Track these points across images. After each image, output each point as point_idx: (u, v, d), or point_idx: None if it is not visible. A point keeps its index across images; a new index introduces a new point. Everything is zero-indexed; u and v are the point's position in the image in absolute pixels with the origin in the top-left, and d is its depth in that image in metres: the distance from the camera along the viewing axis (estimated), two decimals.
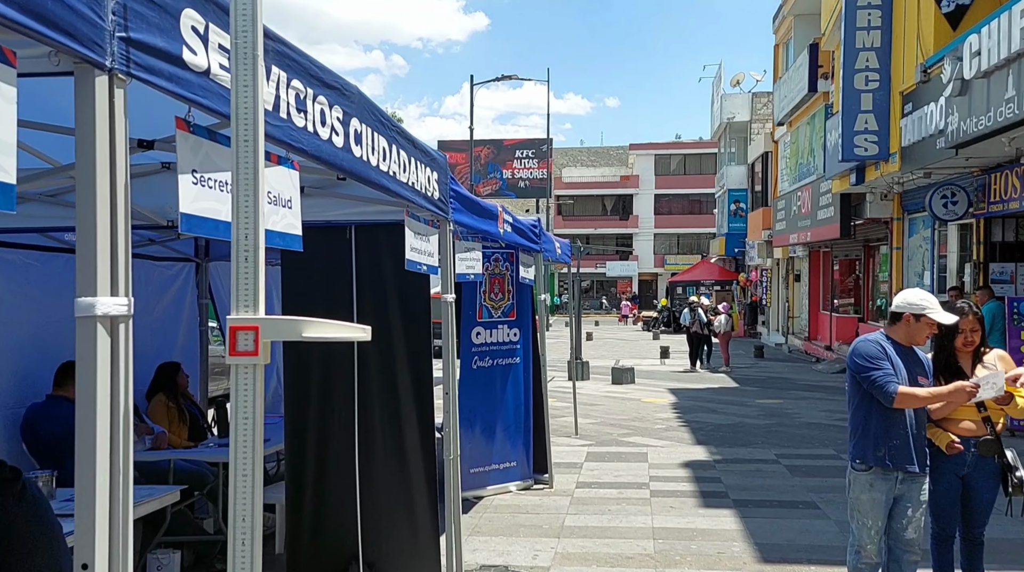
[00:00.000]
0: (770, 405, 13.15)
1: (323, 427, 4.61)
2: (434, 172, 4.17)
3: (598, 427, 11.12)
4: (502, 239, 6.05)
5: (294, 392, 4.63)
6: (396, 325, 4.65)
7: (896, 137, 12.45)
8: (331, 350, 4.61)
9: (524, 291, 7.56)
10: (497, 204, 5.97)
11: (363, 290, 4.64)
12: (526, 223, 7.02)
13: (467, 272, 5.16)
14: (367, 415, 4.61)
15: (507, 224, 6.15)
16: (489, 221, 5.54)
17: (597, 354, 24.49)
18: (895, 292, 16.65)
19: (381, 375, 4.62)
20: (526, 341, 7.54)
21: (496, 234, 5.78)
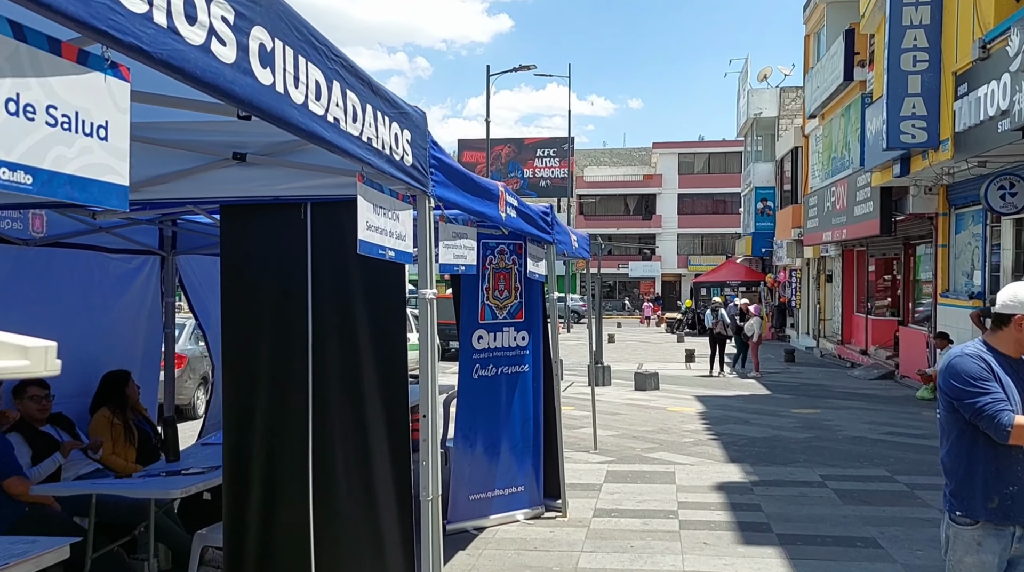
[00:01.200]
0: (807, 416, 12.07)
1: (271, 453, 3.66)
2: (405, 130, 3.21)
3: (619, 440, 10.11)
4: (504, 225, 5.08)
5: (235, 412, 3.68)
6: (363, 327, 3.70)
7: (948, 122, 11.33)
8: (281, 360, 3.66)
9: (534, 289, 6.58)
10: (499, 184, 5.00)
11: (321, 283, 3.69)
12: (536, 209, 6.05)
13: (455, 262, 4.20)
14: (325, 438, 3.66)
15: (511, 208, 5.17)
16: (486, 202, 4.57)
17: (619, 357, 23.47)
18: (940, 293, 15.51)
19: (343, 389, 3.67)
20: (536, 346, 6.56)
21: (496, 218, 4.81)
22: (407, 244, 3.31)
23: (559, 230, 6.81)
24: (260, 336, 3.64)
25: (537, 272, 6.17)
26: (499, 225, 5.05)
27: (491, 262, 6.23)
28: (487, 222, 5.07)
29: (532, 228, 5.79)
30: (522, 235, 5.85)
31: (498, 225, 5.12)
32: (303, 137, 2.38)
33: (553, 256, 6.59)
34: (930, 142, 11.77)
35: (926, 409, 12.74)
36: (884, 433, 10.48)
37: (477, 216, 4.54)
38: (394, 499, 3.69)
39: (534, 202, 7.85)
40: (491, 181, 4.85)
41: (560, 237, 6.89)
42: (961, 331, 13.86)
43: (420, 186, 3.41)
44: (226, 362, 3.68)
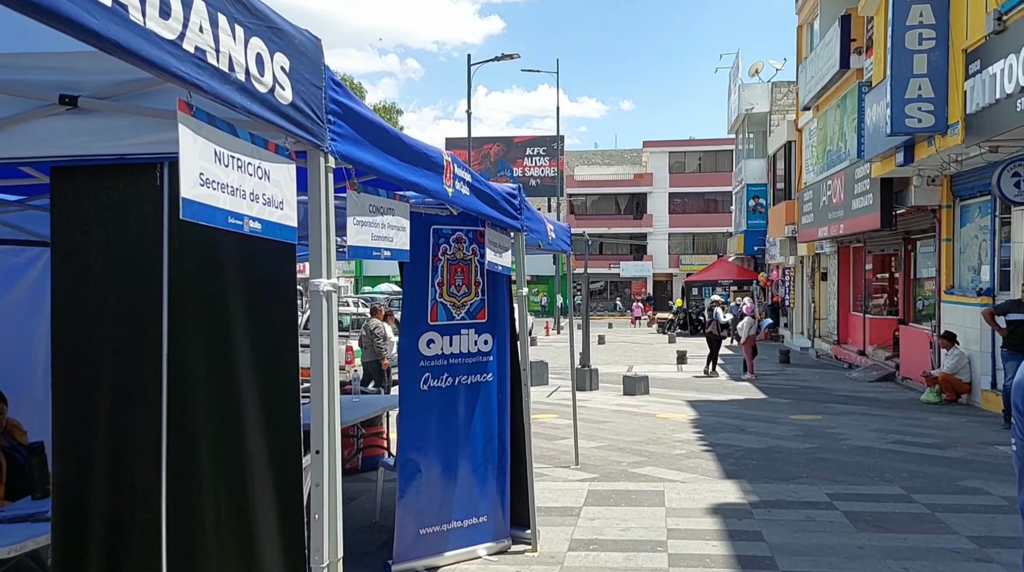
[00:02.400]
0: (807, 423, 11.18)
1: (115, 507, 2.73)
2: (280, 54, 2.30)
3: (604, 453, 9.20)
4: (451, 203, 4.16)
5: (66, 457, 2.73)
6: (240, 327, 2.77)
7: (957, 104, 10.47)
8: (127, 379, 2.73)
9: (500, 285, 5.66)
10: (448, 152, 4.09)
11: (182, 271, 2.75)
12: (500, 189, 5.13)
13: (375, 246, 3.27)
14: (188, 487, 2.73)
15: (461, 183, 4.25)
16: (424, 171, 3.66)
17: (609, 359, 22.58)
18: (944, 290, 14.66)
19: (213, 424, 2.74)
20: (501, 351, 5.64)
21: (439, 193, 3.90)
22: (284, 214, 2.39)
23: (530, 216, 5.90)
24: (97, 346, 2.71)
25: (499, 264, 5.25)
26: (445, 203, 4.13)
27: (445, 252, 5.30)
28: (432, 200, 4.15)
29: (492, 210, 4.87)
30: (478, 217, 4.92)
31: (445, 203, 4.21)
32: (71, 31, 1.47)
33: (522, 246, 5.66)
34: (937, 126, 10.90)
35: (933, 414, 11.87)
36: (892, 442, 9.59)
37: (410, 188, 3.62)
38: (280, 559, 2.76)
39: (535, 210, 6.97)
40: (434, 147, 3.93)
41: (531, 224, 5.97)
42: (968, 330, 13.01)
43: (309, 137, 2.49)
44: (54, 391, 2.73)
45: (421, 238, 5.19)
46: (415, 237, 5.21)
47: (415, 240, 5.22)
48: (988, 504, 6.72)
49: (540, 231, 6.45)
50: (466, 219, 5.35)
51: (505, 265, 5.36)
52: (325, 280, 2.62)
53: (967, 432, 10.25)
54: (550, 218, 7.41)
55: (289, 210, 2.42)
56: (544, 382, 16.38)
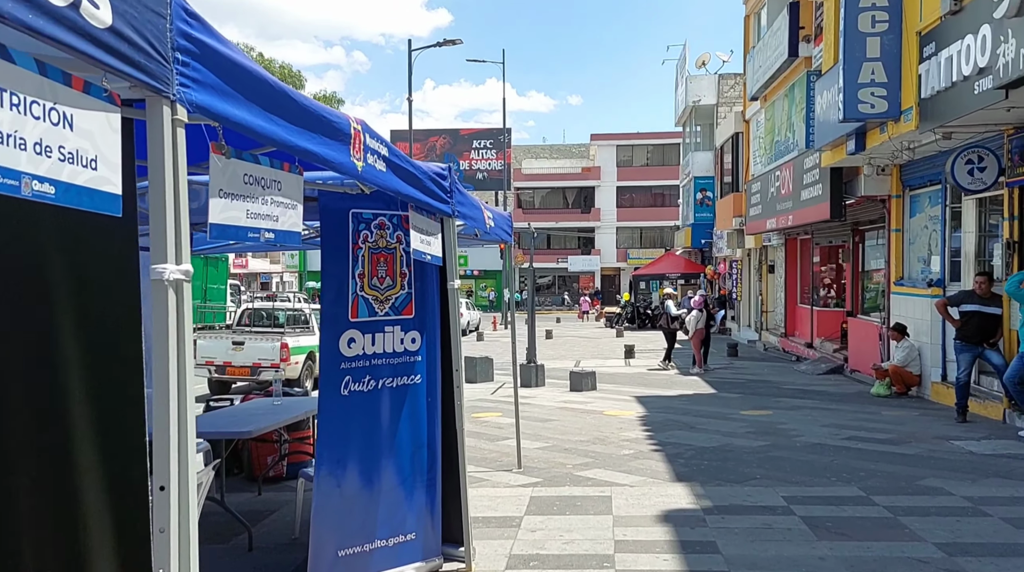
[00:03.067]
0: (758, 418, 10.83)
1: None
2: None
3: (549, 454, 8.69)
4: (360, 178, 3.58)
5: None
6: (66, 339, 2.16)
7: (911, 89, 10.18)
8: None
9: (429, 277, 5.08)
10: (357, 119, 3.50)
11: None
12: (426, 168, 4.55)
13: (250, 226, 2.67)
14: None
15: (375, 157, 3.67)
16: (325, 140, 3.08)
17: (556, 354, 22.16)
18: (893, 281, 14.49)
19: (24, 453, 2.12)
20: (431, 350, 5.07)
21: (346, 167, 3.31)
22: (102, 178, 1.79)
23: (463, 201, 5.32)
24: None
25: (427, 252, 4.66)
26: (356, 180, 3.55)
27: (366, 239, 4.71)
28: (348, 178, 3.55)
29: (416, 191, 4.29)
30: (397, 197, 4.34)
31: (354, 177, 3.62)
32: None
33: (453, 233, 5.09)
34: (891, 112, 10.61)
35: (884, 407, 11.63)
36: (845, 438, 9.26)
37: (307, 159, 3.03)
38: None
39: (471, 195, 6.44)
40: (341, 113, 3.34)
41: (465, 210, 5.40)
42: (917, 322, 12.83)
43: (144, 77, 1.89)
44: None
45: (339, 224, 4.60)
46: (333, 223, 4.62)
47: (333, 226, 4.62)
48: (952, 506, 6.36)
49: (476, 218, 5.88)
50: (390, 202, 4.76)
51: (434, 254, 4.77)
52: (172, 266, 2.03)
53: (920, 426, 9.99)
54: (489, 206, 6.85)
55: (109, 171, 1.81)
56: (489, 378, 15.85)
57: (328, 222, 4.55)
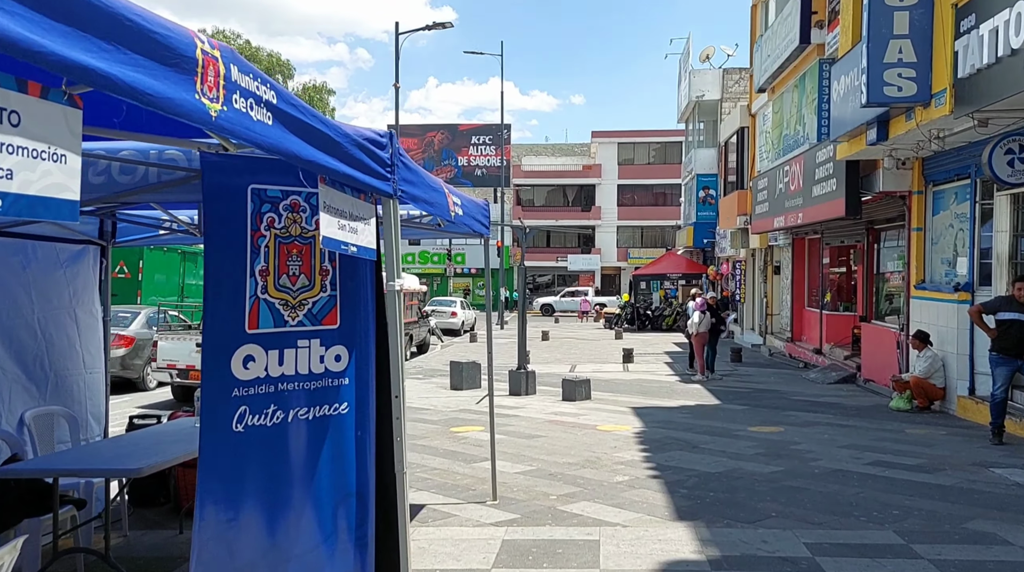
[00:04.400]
0: (768, 437, 9.70)
1: None
2: None
3: (531, 481, 7.56)
4: (221, 132, 2.44)
5: None
6: None
7: (944, 68, 9.04)
8: None
9: (361, 275, 3.95)
10: (220, 43, 2.37)
11: None
12: (349, 129, 3.42)
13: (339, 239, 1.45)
14: None
15: (249, 101, 2.54)
16: (143, 62, 1.95)
17: (551, 357, 21.07)
18: (913, 284, 13.35)
19: None
20: (363, 370, 3.93)
21: (188, 110, 2.19)
22: None
23: (413, 179, 4.18)
24: None
25: (349, 242, 3.51)
26: (206, 129, 2.41)
27: (272, 225, 3.58)
28: (178, 116, 2.41)
29: (328, 158, 3.15)
30: (296, 162, 3.19)
31: (211, 132, 2.49)
32: None
33: (395, 219, 3.94)
34: (920, 96, 9.47)
35: (907, 424, 10.50)
36: (869, 463, 8.13)
37: (103, 86, 1.90)
38: None
39: (469, 192, 5.30)
40: (183, 28, 2.21)
41: (416, 191, 4.26)
42: (942, 329, 11.70)
43: None
44: None
45: (232, 202, 3.47)
46: (222, 201, 3.48)
47: (223, 206, 3.48)
48: (1014, 560, 5.23)
49: (435, 203, 4.74)
50: (310, 177, 3.63)
51: (361, 245, 3.63)
52: None
53: (952, 449, 8.85)
54: (458, 192, 5.73)
55: None
56: (476, 385, 14.73)
57: (215, 199, 3.41)
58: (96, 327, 6.79)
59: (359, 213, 3.65)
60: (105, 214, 6.23)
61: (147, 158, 3.97)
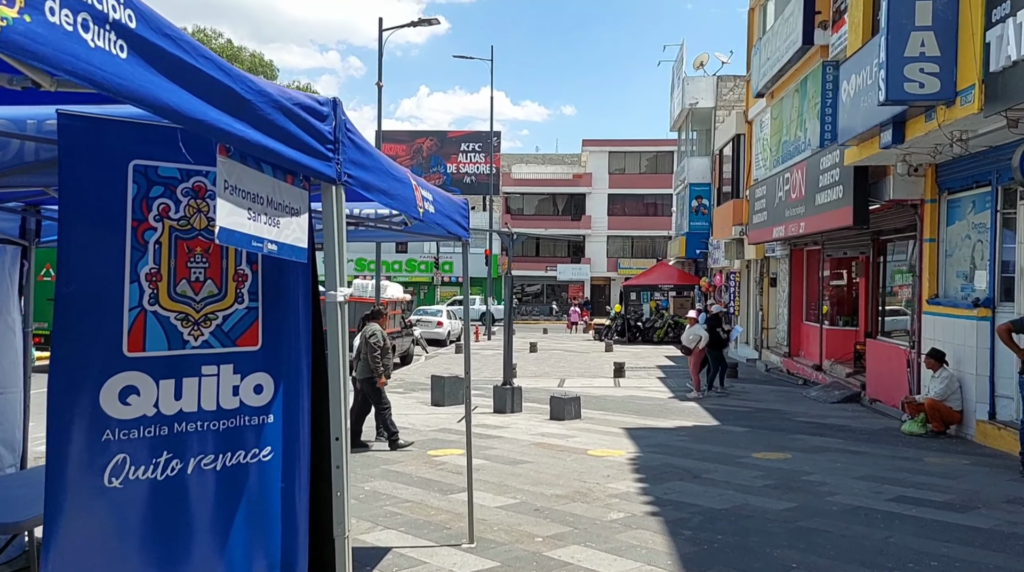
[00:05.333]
0: (776, 465, 8.84)
1: None
2: None
3: (514, 518, 6.66)
4: (8, 50, 1.55)
5: None
6: None
7: (971, 62, 8.25)
8: None
9: (291, 282, 3.06)
10: None
11: None
12: (271, 88, 2.54)
13: None
14: None
15: (78, 13, 1.64)
16: None
17: (539, 370, 20.20)
18: (926, 299, 12.54)
19: None
20: (293, 404, 3.04)
21: None
22: None
23: (366, 162, 3.30)
24: None
25: (264, 238, 2.62)
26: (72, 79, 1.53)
27: (167, 213, 2.71)
28: None
29: (231, 119, 2.28)
30: (184, 123, 2.31)
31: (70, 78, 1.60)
32: None
33: (339, 211, 3.05)
34: (943, 93, 8.67)
35: (925, 451, 9.66)
36: (892, 499, 7.28)
37: None
38: None
39: (391, 161, 4.51)
40: None
41: (370, 178, 3.38)
42: (958, 348, 10.88)
43: None
44: None
45: (104, 182, 2.59)
46: (92, 177, 2.60)
47: (92, 184, 2.60)
48: None
49: (397, 196, 3.86)
50: None
51: (285, 242, 2.74)
52: None
53: (980, 482, 8.00)
54: (430, 186, 4.87)
55: None
56: (458, 401, 13.81)
57: (78, 177, 2.52)
58: (13, 340, 5.87)
59: (284, 200, 2.77)
60: (28, 211, 5.35)
61: (24, 130, 3.09)
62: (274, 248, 2.65)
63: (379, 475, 8.28)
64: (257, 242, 2.55)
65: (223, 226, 2.34)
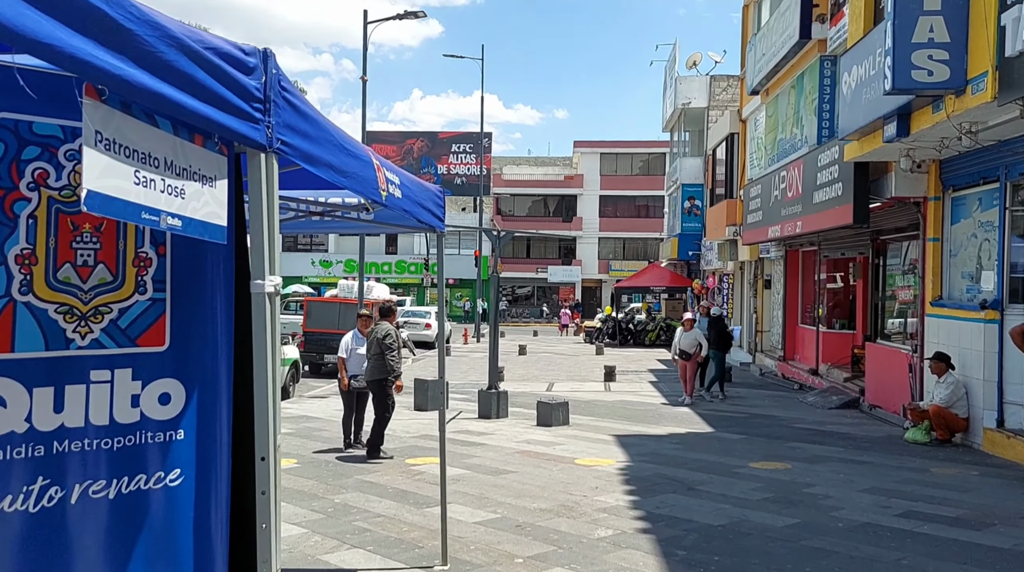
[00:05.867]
0: (774, 475, 8.33)
1: None
2: None
3: (493, 536, 6.13)
4: None
5: None
6: None
7: (984, 48, 7.77)
8: None
9: (208, 269, 2.53)
10: None
11: None
12: (165, 21, 2.01)
13: None
14: None
15: None
16: None
17: (528, 374, 19.67)
18: (929, 301, 12.06)
19: None
20: (210, 417, 2.50)
21: None
22: None
23: (303, 126, 2.77)
24: None
25: (166, 211, 2.08)
26: None
27: (44, 180, 2.17)
28: None
29: (110, 55, 1.74)
30: None
31: None
32: None
33: (269, 180, 2.52)
34: (953, 81, 8.19)
35: (930, 461, 9.17)
36: (900, 514, 6.78)
37: None
38: None
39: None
40: None
41: (311, 147, 2.85)
42: (964, 352, 10.40)
43: None
44: None
45: None
46: None
47: None
48: None
49: (350, 173, 3.34)
50: None
51: (193, 217, 2.21)
52: None
53: (993, 495, 7.51)
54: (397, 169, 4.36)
55: None
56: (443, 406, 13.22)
57: None
58: None
59: (192, 165, 2.23)
60: None
61: None
62: (177, 224, 2.11)
63: (352, 486, 7.74)
64: (150, 214, 2.01)
65: (93, 190, 1.80)
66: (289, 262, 53.89)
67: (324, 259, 53.30)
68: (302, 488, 7.64)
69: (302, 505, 7.00)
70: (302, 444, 9.97)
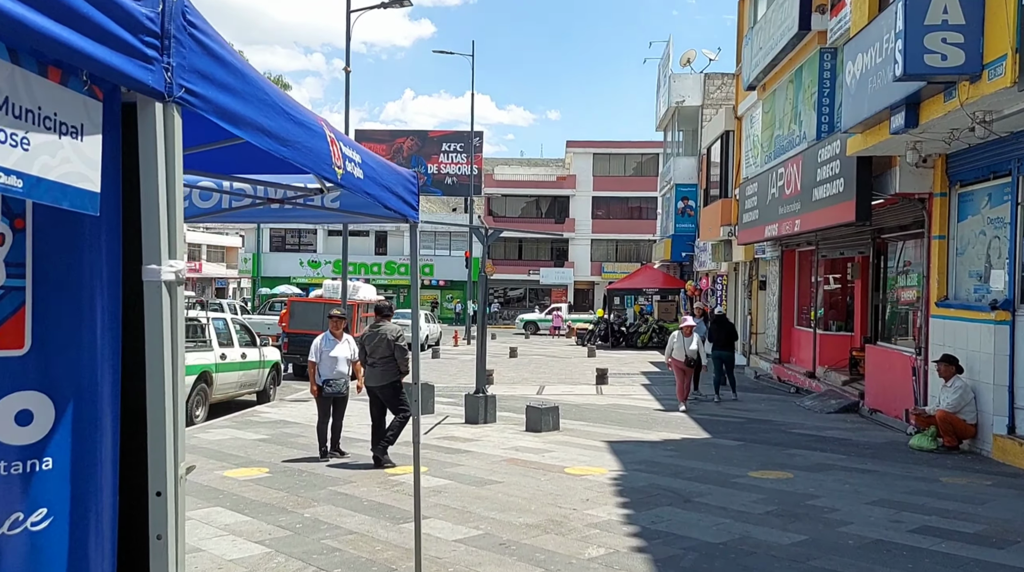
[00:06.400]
0: (776, 485, 7.81)
1: None
2: None
3: (474, 555, 5.59)
4: None
5: None
6: None
7: (1003, 30, 7.27)
8: None
9: (87, 247, 1.98)
10: None
11: None
12: None
13: None
14: None
15: None
16: None
17: (518, 377, 19.12)
18: (935, 301, 11.57)
19: None
20: (89, 441, 1.96)
21: None
22: None
23: (221, 76, 2.23)
24: None
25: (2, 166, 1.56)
26: None
27: None
28: None
29: None
30: None
31: None
32: None
33: (167, 141, 1.98)
34: (969, 66, 7.69)
35: (940, 469, 8.66)
36: (915, 529, 6.26)
37: None
38: None
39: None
40: None
41: (232, 103, 2.31)
42: (972, 354, 9.91)
43: None
44: None
45: None
46: None
47: None
48: None
49: (295, 143, 2.81)
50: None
51: (47, 178, 1.66)
52: None
53: (1012, 509, 7.00)
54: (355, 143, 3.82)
55: None
56: (428, 410, 12.70)
57: None
58: None
59: (42, 107, 1.68)
60: None
61: None
62: (16, 184, 1.57)
63: (324, 498, 7.19)
64: None
65: None
66: (277, 262, 53.25)
67: (312, 259, 52.65)
68: (270, 500, 7.09)
69: (268, 520, 6.45)
70: (276, 451, 9.42)
